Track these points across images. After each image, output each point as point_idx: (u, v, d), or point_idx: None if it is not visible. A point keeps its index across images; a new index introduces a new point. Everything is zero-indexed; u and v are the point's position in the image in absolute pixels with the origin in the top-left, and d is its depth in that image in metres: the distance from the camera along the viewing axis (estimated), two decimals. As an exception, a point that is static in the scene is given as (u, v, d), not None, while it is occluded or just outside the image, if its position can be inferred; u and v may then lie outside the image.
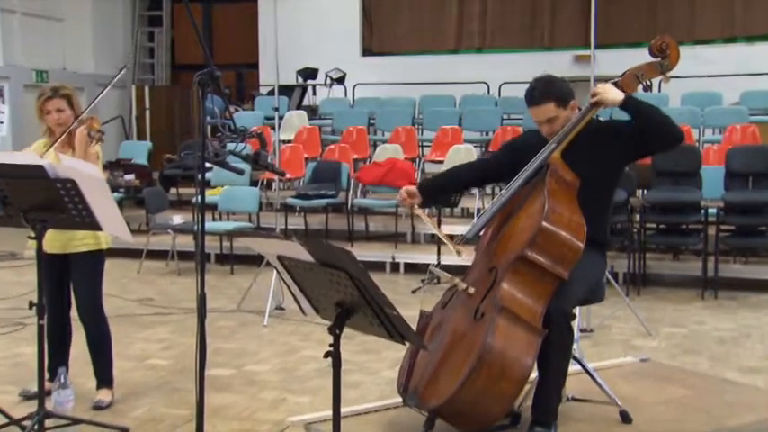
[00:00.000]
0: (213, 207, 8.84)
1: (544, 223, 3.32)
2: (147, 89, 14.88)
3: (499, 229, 3.57)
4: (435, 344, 3.41)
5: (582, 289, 3.46)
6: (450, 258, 3.88)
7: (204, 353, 3.06)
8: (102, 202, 3.46)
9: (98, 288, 4.26)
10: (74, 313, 4.28)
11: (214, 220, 9.06)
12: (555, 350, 3.28)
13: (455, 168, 4.04)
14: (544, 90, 3.54)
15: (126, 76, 15.37)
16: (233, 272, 8.42)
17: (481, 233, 3.62)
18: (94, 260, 4.23)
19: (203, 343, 3.05)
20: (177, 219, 8.80)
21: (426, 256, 7.98)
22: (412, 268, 8.24)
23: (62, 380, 3.80)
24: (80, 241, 4.15)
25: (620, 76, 3.61)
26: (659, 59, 3.62)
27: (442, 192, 4.64)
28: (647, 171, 7.62)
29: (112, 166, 10.16)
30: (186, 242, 8.67)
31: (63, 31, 14.05)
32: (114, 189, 9.65)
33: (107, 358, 4.33)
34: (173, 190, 10.81)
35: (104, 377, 4.32)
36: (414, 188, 3.73)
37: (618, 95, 3.47)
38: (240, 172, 3.71)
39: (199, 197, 3.16)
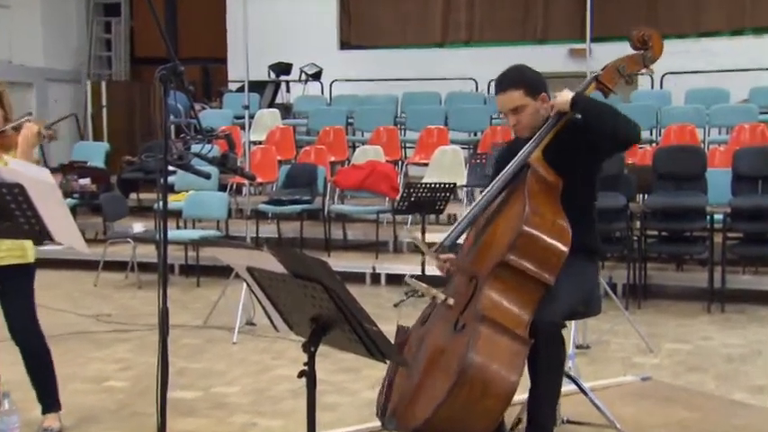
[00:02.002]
0: (177, 214, 8.82)
1: (525, 227, 3.35)
2: (103, 84, 14.82)
3: (479, 235, 3.59)
4: (414, 361, 3.42)
5: (572, 298, 3.48)
6: (434, 269, 3.88)
7: (167, 373, 3.05)
8: (53, 208, 3.43)
9: (32, 303, 4.14)
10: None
11: (178, 227, 9.03)
12: (545, 361, 3.30)
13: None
14: (512, 77, 3.61)
15: (80, 70, 15.33)
16: (199, 284, 8.40)
17: (460, 240, 3.64)
18: (24, 274, 4.10)
19: (166, 362, 3.05)
20: (137, 227, 8.77)
21: (409, 266, 7.98)
22: (394, 280, 8.21)
23: (7, 405, 3.77)
24: (5, 253, 4.01)
25: (602, 70, 3.67)
26: (642, 51, 3.69)
27: None
28: (647, 174, 7.66)
29: (65, 169, 10.10)
30: (147, 252, 8.63)
31: (9, 20, 13.87)
32: (68, 194, 9.60)
33: (51, 379, 4.20)
34: (132, 195, 10.79)
35: (50, 401, 4.20)
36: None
37: (566, 97, 3.51)
38: (207, 176, 3.73)
39: (161, 203, 3.15)
